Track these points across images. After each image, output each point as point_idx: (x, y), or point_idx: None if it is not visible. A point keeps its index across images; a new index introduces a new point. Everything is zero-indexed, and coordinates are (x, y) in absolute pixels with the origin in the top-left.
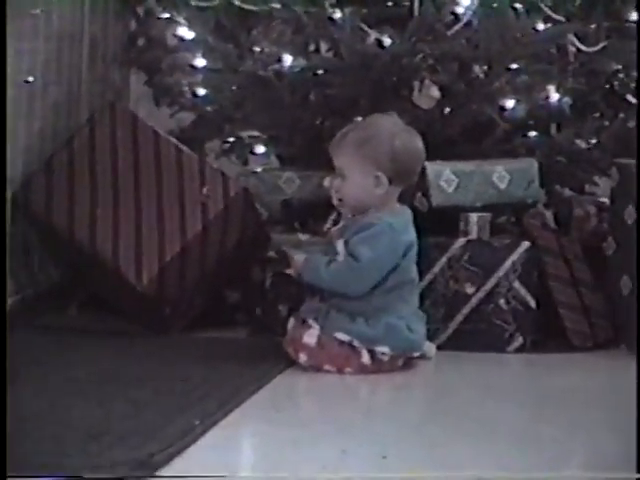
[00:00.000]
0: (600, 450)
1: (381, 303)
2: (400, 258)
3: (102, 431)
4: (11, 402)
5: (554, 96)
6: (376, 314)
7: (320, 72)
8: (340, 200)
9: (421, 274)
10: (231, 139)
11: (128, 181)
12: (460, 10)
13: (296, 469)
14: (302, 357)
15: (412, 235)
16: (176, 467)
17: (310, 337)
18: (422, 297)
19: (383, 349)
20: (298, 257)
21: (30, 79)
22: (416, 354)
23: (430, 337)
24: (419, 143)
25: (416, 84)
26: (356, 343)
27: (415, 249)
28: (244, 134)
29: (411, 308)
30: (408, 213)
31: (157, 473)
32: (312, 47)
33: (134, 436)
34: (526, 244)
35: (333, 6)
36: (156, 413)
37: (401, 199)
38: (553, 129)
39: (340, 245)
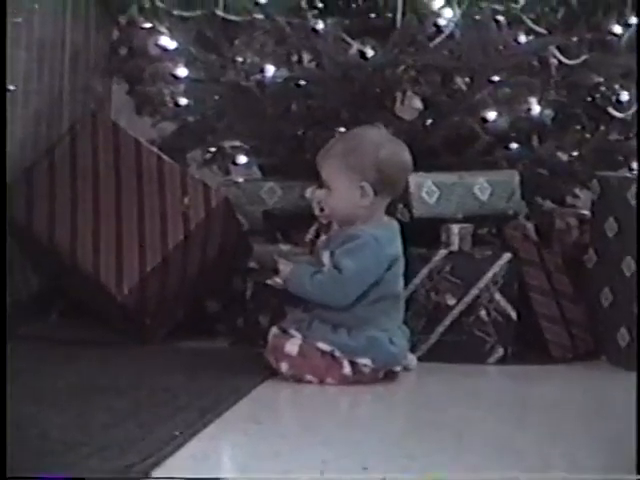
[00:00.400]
0: (579, 462)
1: (364, 315)
2: (384, 271)
3: (81, 441)
4: None
5: (536, 108)
6: (359, 326)
7: (302, 83)
8: (322, 210)
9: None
10: (213, 149)
11: (109, 191)
12: (442, 22)
13: None
14: (283, 366)
15: (397, 249)
16: (156, 478)
17: (292, 346)
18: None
19: (364, 361)
20: (285, 267)
21: (11, 88)
22: (397, 368)
23: (411, 348)
24: (405, 154)
25: (398, 95)
26: (337, 354)
27: (401, 263)
28: (226, 144)
29: (395, 322)
30: (395, 226)
31: None
32: (295, 58)
33: (113, 447)
34: (507, 256)
35: (316, 17)
36: (136, 423)
37: (387, 211)
38: (535, 141)
39: (326, 256)
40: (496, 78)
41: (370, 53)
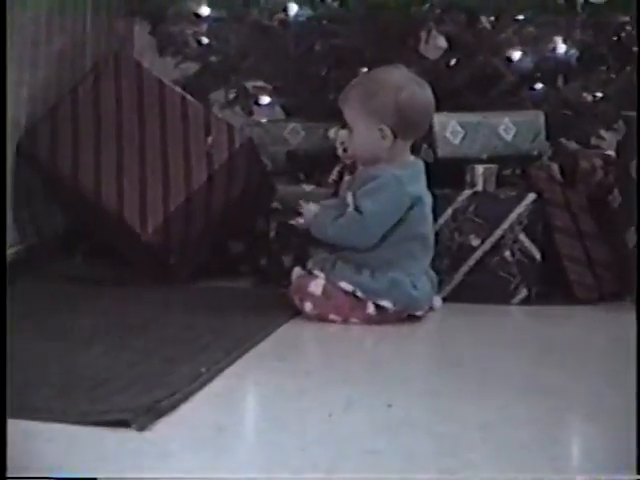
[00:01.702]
0: (602, 401)
1: (388, 257)
2: (407, 211)
3: (108, 378)
4: (18, 349)
5: (561, 48)
6: (382, 268)
7: (326, 22)
8: (345, 151)
9: None
10: (236, 89)
11: (133, 130)
12: None
13: (302, 417)
14: (307, 306)
15: (420, 188)
16: (182, 413)
17: (316, 286)
18: None
19: (385, 303)
20: (308, 212)
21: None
22: (419, 313)
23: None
24: (427, 95)
25: (423, 34)
26: (359, 294)
27: (426, 203)
28: (249, 84)
29: (421, 265)
30: (419, 165)
31: (162, 418)
32: None
33: (140, 383)
34: (532, 196)
35: None
36: (162, 361)
37: (411, 151)
38: (560, 81)
39: (349, 197)
40: (521, 17)
41: None
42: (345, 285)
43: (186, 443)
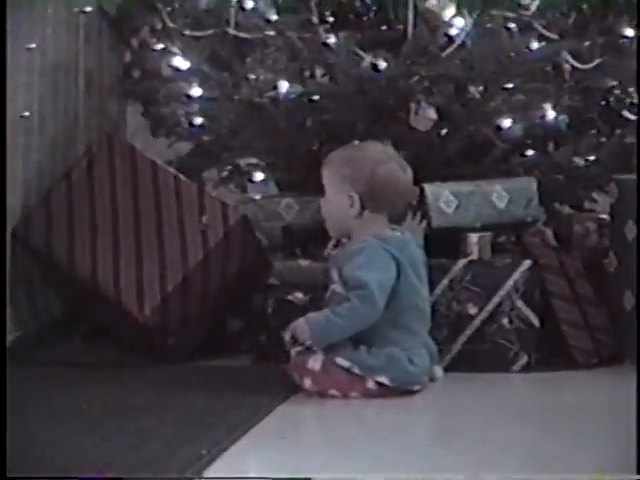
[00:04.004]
0: (607, 467)
1: (383, 332)
2: (396, 279)
3: (109, 463)
4: (17, 436)
5: (550, 114)
6: (379, 344)
7: (316, 97)
8: None
9: None
10: (229, 167)
11: (127, 212)
12: (454, 31)
13: None
14: (307, 382)
15: (404, 256)
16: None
17: (315, 362)
18: None
19: (382, 379)
20: (295, 324)
21: (26, 114)
22: (416, 387)
23: None
24: (404, 177)
25: (412, 106)
26: (357, 370)
27: (413, 273)
28: (242, 162)
29: (417, 339)
30: (399, 238)
31: None
32: (307, 73)
33: (141, 467)
34: (527, 263)
35: (327, 31)
36: (162, 443)
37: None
38: (550, 147)
39: (335, 273)
40: (509, 85)
41: (383, 65)
42: (342, 361)
43: None
